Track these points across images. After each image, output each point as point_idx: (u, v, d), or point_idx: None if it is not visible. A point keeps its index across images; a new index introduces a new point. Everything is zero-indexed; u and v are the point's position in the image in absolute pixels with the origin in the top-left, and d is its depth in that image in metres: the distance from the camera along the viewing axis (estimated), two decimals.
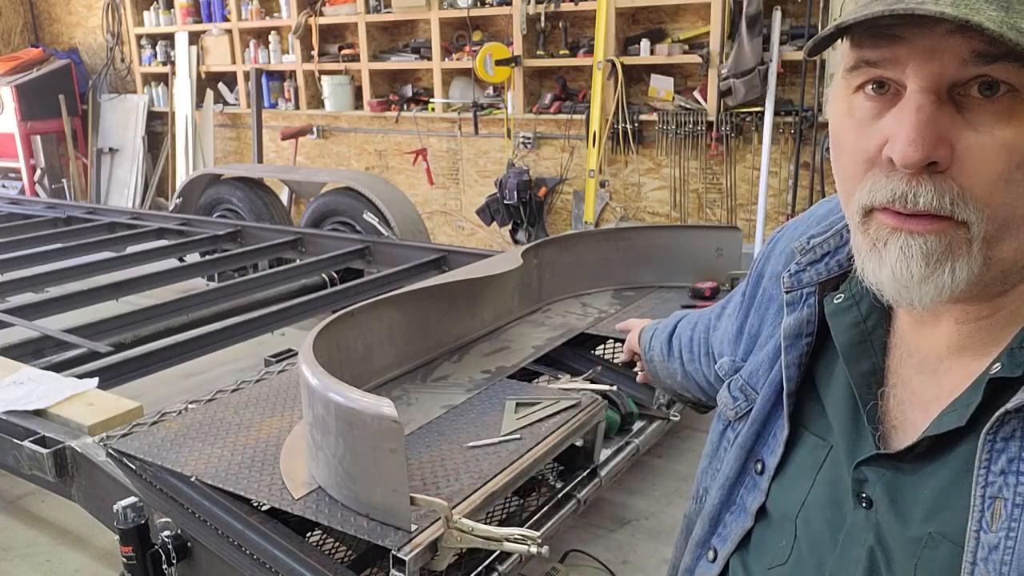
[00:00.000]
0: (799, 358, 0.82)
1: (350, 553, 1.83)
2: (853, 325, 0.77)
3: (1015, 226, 0.62)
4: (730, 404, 0.91)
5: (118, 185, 7.79)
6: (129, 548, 1.68)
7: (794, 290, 0.83)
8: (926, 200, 0.61)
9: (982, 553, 0.62)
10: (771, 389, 0.85)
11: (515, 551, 1.58)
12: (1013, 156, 0.60)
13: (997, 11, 0.57)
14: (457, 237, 6.28)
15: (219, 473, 1.72)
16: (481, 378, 2.23)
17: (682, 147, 5.12)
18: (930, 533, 0.66)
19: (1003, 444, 0.62)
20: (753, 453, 0.85)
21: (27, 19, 8.57)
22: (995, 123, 0.60)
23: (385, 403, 1.43)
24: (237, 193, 5.15)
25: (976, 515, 0.62)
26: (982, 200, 0.61)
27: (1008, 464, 0.62)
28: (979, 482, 0.63)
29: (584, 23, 5.43)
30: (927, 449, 0.69)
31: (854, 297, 0.78)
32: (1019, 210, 0.61)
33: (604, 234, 3.13)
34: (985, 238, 0.62)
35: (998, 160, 0.60)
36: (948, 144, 0.61)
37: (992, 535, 0.61)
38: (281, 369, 2.31)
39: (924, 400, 0.71)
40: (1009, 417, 0.62)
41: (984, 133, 0.60)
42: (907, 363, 0.74)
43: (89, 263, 4.13)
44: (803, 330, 0.81)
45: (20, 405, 2.10)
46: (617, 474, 2.18)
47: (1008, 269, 0.65)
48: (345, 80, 6.44)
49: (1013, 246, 0.63)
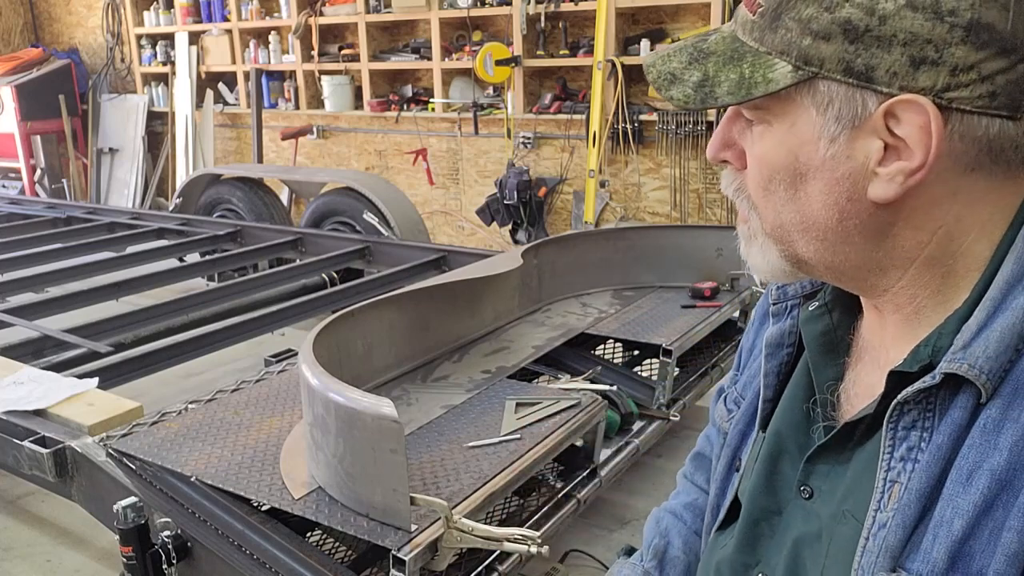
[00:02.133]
0: (778, 367, 0.87)
1: (350, 553, 1.83)
2: (823, 332, 0.82)
3: (794, 230, 0.72)
4: (725, 416, 0.97)
5: (118, 185, 7.79)
6: (129, 548, 1.68)
7: (780, 302, 0.88)
8: (723, 186, 0.79)
9: (875, 530, 0.68)
10: (753, 394, 0.90)
11: (515, 551, 1.59)
12: (763, 170, 0.72)
13: (696, 71, 0.71)
14: (457, 237, 6.28)
15: (219, 473, 1.72)
16: (481, 378, 2.23)
17: (682, 147, 5.12)
18: (843, 511, 0.73)
19: (904, 433, 0.68)
20: (737, 452, 0.93)
21: (27, 19, 8.57)
22: (756, 140, 0.72)
23: (385, 403, 1.44)
24: (237, 193, 5.15)
25: (877, 496, 0.68)
26: (753, 200, 0.74)
27: (907, 452, 0.67)
28: (882, 466, 0.69)
29: (584, 23, 5.43)
30: (861, 437, 0.74)
31: (827, 305, 0.82)
32: (785, 217, 0.72)
33: (604, 234, 3.13)
34: (767, 235, 0.75)
35: (755, 170, 0.73)
36: (739, 150, 0.75)
37: (884, 514, 0.67)
38: (281, 369, 2.31)
39: (872, 392, 0.74)
40: (908, 408, 0.67)
41: (752, 147, 0.73)
42: (863, 358, 0.79)
43: (89, 263, 4.12)
44: (784, 340, 0.86)
45: (20, 405, 2.10)
46: (617, 474, 2.18)
47: (834, 266, 0.73)
48: (345, 80, 6.44)
49: (809, 249, 0.72)
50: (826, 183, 0.68)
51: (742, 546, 0.85)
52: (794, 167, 0.69)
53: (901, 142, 0.64)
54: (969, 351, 0.64)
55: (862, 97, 0.64)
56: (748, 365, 0.97)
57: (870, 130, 0.65)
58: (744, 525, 0.85)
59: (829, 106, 0.66)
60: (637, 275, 3.00)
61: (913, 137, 0.64)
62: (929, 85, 0.62)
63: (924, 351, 0.68)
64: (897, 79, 0.63)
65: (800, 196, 0.70)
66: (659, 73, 0.73)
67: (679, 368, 2.62)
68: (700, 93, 0.70)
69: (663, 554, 1.10)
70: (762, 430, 0.87)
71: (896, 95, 0.63)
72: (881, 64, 0.63)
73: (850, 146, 0.66)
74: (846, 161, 0.67)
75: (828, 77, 0.65)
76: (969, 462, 0.63)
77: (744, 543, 0.85)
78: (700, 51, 0.72)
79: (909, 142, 0.64)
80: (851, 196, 0.68)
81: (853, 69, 0.64)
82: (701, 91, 0.70)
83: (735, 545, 0.85)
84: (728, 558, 0.86)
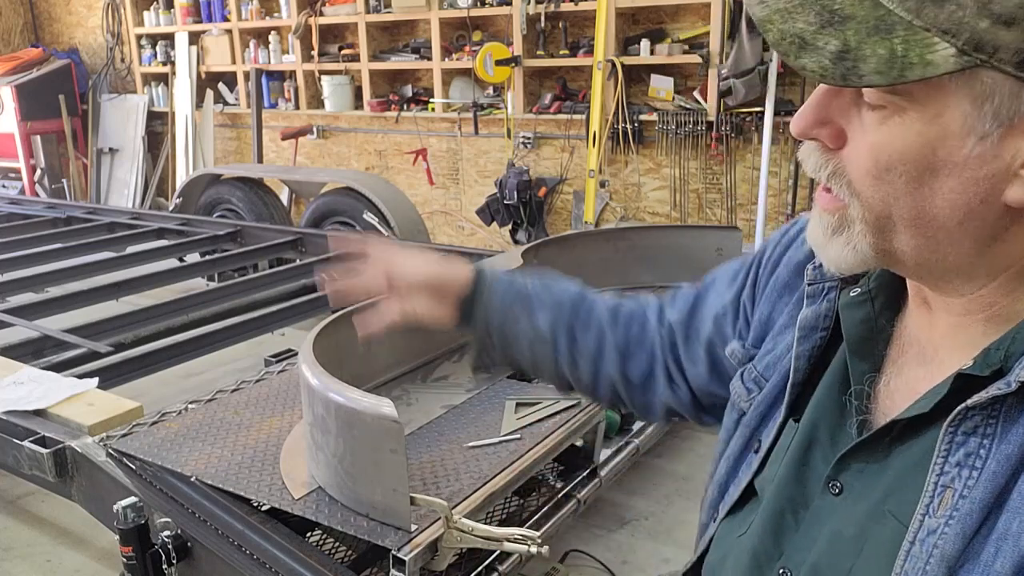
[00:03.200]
0: (811, 350, 0.83)
1: (350, 553, 1.83)
2: (864, 320, 0.78)
3: (901, 223, 0.66)
4: (744, 396, 0.92)
5: (118, 185, 7.79)
6: (129, 548, 1.68)
7: (816, 283, 0.83)
8: (811, 167, 0.70)
9: (922, 535, 0.65)
10: (780, 376, 0.86)
11: (515, 551, 1.58)
12: (880, 158, 0.64)
13: (833, 39, 0.60)
14: (457, 237, 6.28)
15: (219, 473, 1.72)
16: (481, 378, 2.23)
17: (682, 147, 5.12)
18: (884, 510, 0.70)
19: (963, 438, 0.64)
20: (756, 433, 0.88)
21: (27, 19, 8.56)
22: (873, 125, 0.64)
23: (385, 403, 1.43)
24: (237, 193, 5.15)
25: (926, 499, 0.65)
26: (856, 187, 0.67)
27: (965, 458, 0.64)
28: (935, 470, 0.65)
29: (584, 23, 5.43)
30: (900, 434, 0.71)
31: (870, 292, 0.78)
32: (896, 210, 0.65)
33: (604, 234, 3.12)
34: (867, 223, 0.67)
35: (867, 157, 0.65)
36: (835, 127, 0.67)
37: (934, 520, 0.64)
38: (281, 369, 2.31)
39: (916, 389, 0.72)
40: (972, 413, 0.64)
41: (864, 131, 0.65)
42: (907, 353, 0.76)
43: (89, 263, 4.12)
44: (819, 324, 0.82)
45: (20, 405, 2.10)
46: (617, 474, 2.18)
47: (927, 264, 0.68)
48: (345, 80, 6.44)
49: (909, 244, 0.67)
50: (962, 182, 0.62)
51: (764, 536, 0.81)
52: (927, 161, 0.62)
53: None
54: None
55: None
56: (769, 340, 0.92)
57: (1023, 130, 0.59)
58: (768, 515, 0.81)
59: (988, 100, 0.59)
60: (637, 275, 2.99)
61: None
62: None
63: (995, 355, 0.65)
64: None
65: (924, 191, 0.63)
66: (782, 33, 0.62)
67: None
68: (840, 67, 0.60)
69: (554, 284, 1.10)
70: (792, 417, 0.83)
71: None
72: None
73: (1000, 145, 0.60)
74: (992, 161, 0.61)
75: (998, 68, 0.57)
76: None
77: (766, 533, 0.81)
78: (833, 13, 0.60)
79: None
80: (985, 197, 0.62)
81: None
82: (842, 64, 0.60)
83: (757, 534, 0.82)
84: (748, 547, 0.83)
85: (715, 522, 0.91)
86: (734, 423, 0.93)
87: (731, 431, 0.93)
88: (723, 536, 0.89)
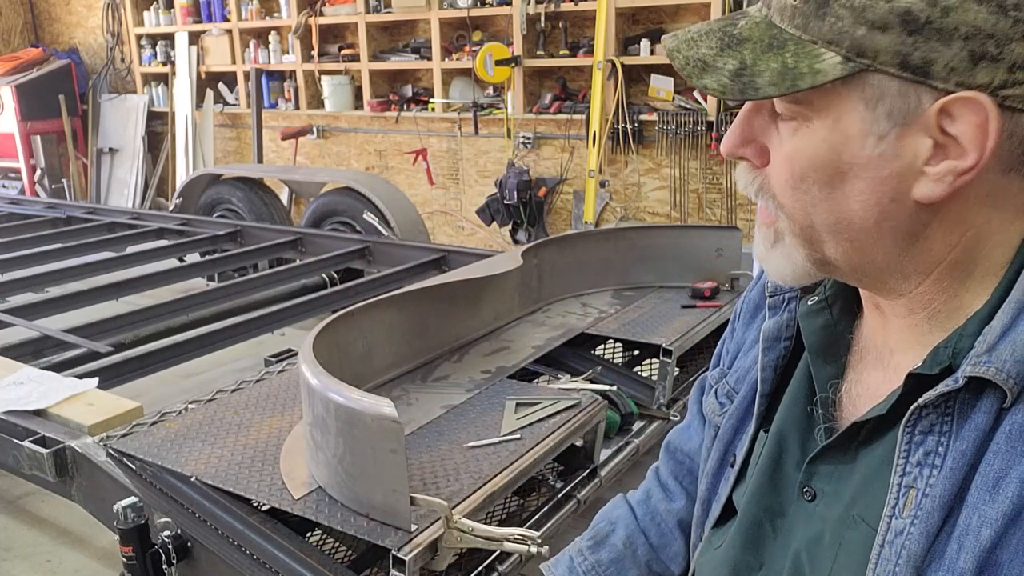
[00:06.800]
0: (776, 360, 0.85)
1: (350, 553, 1.83)
2: (823, 327, 0.80)
3: (824, 231, 0.69)
4: (717, 410, 0.94)
5: (118, 185, 7.79)
6: (129, 548, 1.68)
7: (777, 294, 0.86)
8: (742, 184, 0.75)
9: (890, 536, 0.66)
10: (749, 389, 0.88)
11: (515, 551, 1.58)
12: (795, 168, 0.68)
13: (731, 59, 0.66)
14: (457, 237, 6.28)
15: (219, 473, 1.72)
16: (481, 378, 2.23)
17: (682, 147, 5.12)
18: (853, 515, 0.71)
19: (922, 437, 0.66)
20: (731, 447, 0.90)
21: (27, 19, 8.57)
22: (787, 137, 0.68)
23: (385, 403, 1.43)
24: (237, 193, 5.15)
25: (891, 501, 0.67)
26: (779, 200, 0.71)
27: (925, 457, 0.65)
28: (897, 471, 0.67)
29: (584, 23, 5.43)
30: (866, 438, 0.72)
31: (827, 300, 0.81)
32: (816, 218, 0.68)
33: (604, 234, 3.12)
34: (795, 235, 0.71)
35: (785, 169, 0.69)
36: (759, 145, 0.72)
37: (900, 521, 0.66)
38: (281, 369, 2.31)
39: (877, 392, 0.73)
40: (927, 412, 0.65)
41: (781, 144, 0.69)
42: (865, 358, 0.78)
43: (89, 263, 4.12)
44: (782, 334, 0.85)
45: (20, 405, 2.10)
46: (617, 474, 2.17)
47: (860, 268, 0.70)
48: (345, 80, 6.44)
49: (837, 250, 0.69)
50: (869, 183, 0.65)
51: (744, 547, 0.83)
52: (834, 165, 0.66)
53: (951, 140, 0.62)
54: (995, 354, 0.62)
55: (916, 93, 0.61)
56: (740, 358, 0.94)
57: (921, 128, 0.62)
58: (745, 525, 0.83)
59: (880, 101, 0.62)
60: (637, 275, 2.99)
61: (967, 136, 0.61)
62: (987, 82, 0.59)
63: (944, 353, 0.66)
64: (955, 75, 0.60)
65: (836, 196, 0.67)
66: (687, 59, 0.68)
67: (679, 368, 2.62)
68: (738, 83, 0.65)
69: (604, 539, 1.09)
70: (762, 427, 0.85)
71: (952, 92, 0.60)
72: (940, 59, 0.59)
73: (899, 144, 0.63)
74: (893, 160, 0.64)
75: (881, 70, 0.61)
76: (995, 469, 0.61)
77: (746, 544, 0.82)
78: (732, 37, 0.67)
79: (962, 141, 0.61)
80: (894, 196, 0.65)
81: (909, 63, 0.60)
82: (739, 81, 0.65)
83: (737, 545, 0.83)
84: (728, 559, 0.84)
85: (702, 541, 0.93)
86: (711, 440, 0.95)
87: (708, 448, 0.95)
88: (705, 549, 0.91)
